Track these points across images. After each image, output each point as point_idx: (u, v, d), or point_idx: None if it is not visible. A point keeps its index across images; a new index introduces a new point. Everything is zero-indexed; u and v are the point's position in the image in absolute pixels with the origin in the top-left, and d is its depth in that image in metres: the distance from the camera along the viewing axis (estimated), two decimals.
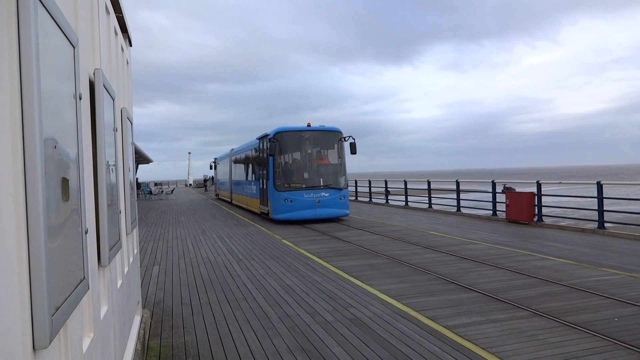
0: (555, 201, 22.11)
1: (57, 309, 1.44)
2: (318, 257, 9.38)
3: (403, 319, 5.39)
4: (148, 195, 38.60)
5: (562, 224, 13.86)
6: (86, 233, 1.98)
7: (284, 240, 11.90)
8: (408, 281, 7.21)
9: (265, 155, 16.84)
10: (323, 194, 15.60)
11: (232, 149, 27.62)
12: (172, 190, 41.04)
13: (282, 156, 16.02)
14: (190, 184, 72.16)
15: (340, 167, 16.46)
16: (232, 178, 26.82)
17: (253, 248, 10.87)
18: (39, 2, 1.34)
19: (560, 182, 16.12)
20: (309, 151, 16.52)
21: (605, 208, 12.60)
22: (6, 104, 1.20)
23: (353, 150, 16.29)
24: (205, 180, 57.21)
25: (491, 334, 4.83)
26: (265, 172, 16.80)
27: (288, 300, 6.34)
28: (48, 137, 1.41)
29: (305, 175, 16.08)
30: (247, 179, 21.56)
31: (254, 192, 19.29)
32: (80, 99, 1.94)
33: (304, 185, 15.70)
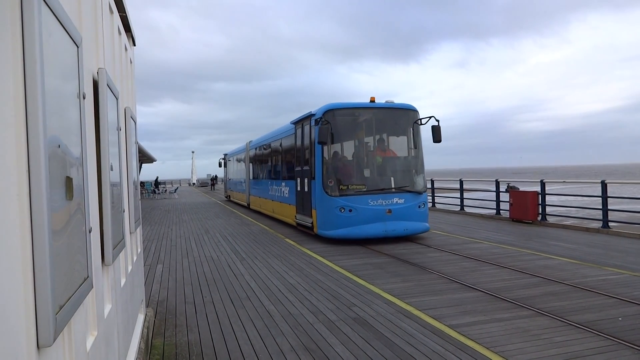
0: (560, 200, 22.03)
1: (61, 308, 1.44)
2: (321, 256, 9.38)
3: (406, 318, 5.39)
4: (151, 194, 38.70)
5: (566, 223, 13.81)
6: (90, 232, 1.98)
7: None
8: (411, 280, 7.20)
9: (306, 145, 12.39)
10: (396, 200, 10.94)
11: (251, 142, 22.73)
12: (175, 190, 41.16)
13: (335, 145, 11.40)
14: (194, 183, 72.35)
15: (417, 160, 11.76)
16: (251, 177, 22.04)
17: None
18: (42, 1, 1.34)
19: (564, 181, 16.06)
20: (375, 138, 11.84)
21: (609, 207, 12.55)
22: (10, 104, 1.20)
23: (436, 137, 11.44)
24: (212, 179, 57.35)
25: (495, 333, 4.82)
26: (306, 168, 12.21)
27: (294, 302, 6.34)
28: (52, 136, 1.42)
29: (368, 173, 11.46)
30: (273, 177, 16.78)
31: (286, 195, 14.63)
32: (84, 98, 1.94)
33: (368, 188, 11.00)
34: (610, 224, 12.36)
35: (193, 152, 75.66)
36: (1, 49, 1.16)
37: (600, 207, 12.51)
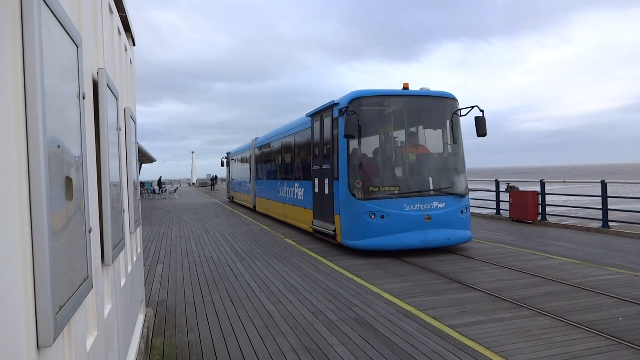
0: (560, 200, 22.03)
1: (61, 308, 1.44)
2: (322, 256, 9.39)
3: (406, 317, 5.39)
4: (151, 195, 38.70)
5: (566, 222, 13.81)
6: (90, 232, 1.98)
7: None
8: (411, 280, 7.20)
9: (326, 139, 10.70)
10: (436, 203, 9.32)
11: (256, 138, 20.96)
12: (175, 190, 41.17)
13: (362, 139, 9.63)
14: (194, 183, 72.39)
15: (457, 157, 10.06)
16: (257, 177, 20.22)
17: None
18: (42, 1, 1.34)
19: (564, 181, 16.05)
20: (409, 130, 10.14)
21: (609, 207, 12.55)
22: (10, 104, 1.20)
23: (481, 130, 9.71)
24: (212, 179, 57.46)
25: (495, 333, 4.82)
26: (327, 167, 10.54)
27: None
28: (52, 136, 1.41)
29: (402, 173, 9.81)
30: (285, 177, 15.09)
31: (300, 198, 13.00)
32: (83, 98, 1.94)
33: (402, 190, 9.35)
34: (610, 223, 12.36)
35: (193, 152, 75.76)
36: (1, 49, 1.16)
37: (600, 206, 12.51)
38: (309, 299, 6.31)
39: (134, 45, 5.04)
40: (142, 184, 38.55)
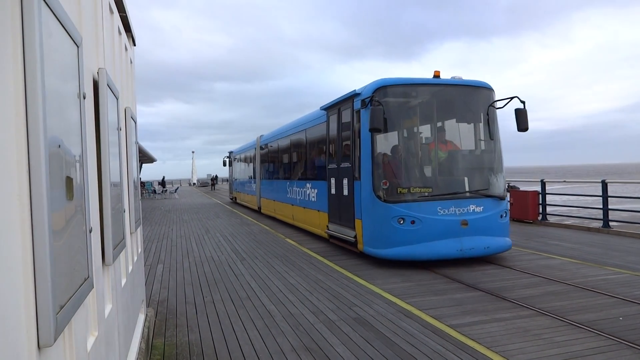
0: (560, 200, 22.02)
1: (61, 308, 1.44)
2: (322, 256, 9.39)
3: (407, 317, 5.39)
4: (151, 195, 38.73)
5: (566, 222, 13.81)
6: (90, 232, 1.98)
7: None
8: (411, 280, 7.20)
9: (345, 135, 9.66)
10: (473, 207, 8.26)
11: (262, 136, 19.93)
12: (176, 190, 41.18)
13: (390, 134, 8.66)
14: (194, 183, 72.47)
15: (494, 155, 9.00)
16: (263, 177, 19.16)
17: None
18: (43, 2, 1.34)
19: (564, 181, 16.04)
20: (440, 124, 9.07)
21: (610, 207, 12.54)
22: (10, 104, 1.20)
23: (522, 124, 8.66)
24: (212, 179, 57.64)
25: (495, 333, 4.82)
26: (345, 165, 9.43)
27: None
28: (52, 136, 1.42)
29: (434, 172, 8.66)
30: (294, 177, 14.03)
31: (312, 199, 11.93)
32: (84, 98, 1.95)
33: (435, 192, 8.30)
34: (610, 223, 12.35)
35: (193, 152, 75.91)
36: (1, 49, 1.16)
37: (601, 206, 12.51)
38: (309, 298, 6.31)
39: (135, 45, 5.04)
40: (142, 184, 38.59)
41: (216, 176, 59.71)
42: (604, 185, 12.40)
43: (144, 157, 30.90)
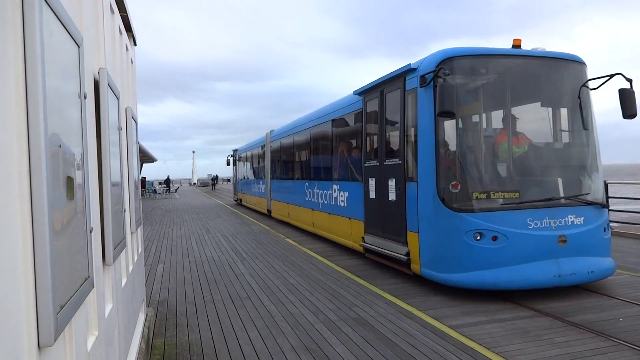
0: None
1: (62, 307, 1.44)
2: (322, 256, 9.38)
3: (407, 318, 5.39)
4: (152, 194, 38.76)
5: None
6: (91, 232, 1.98)
7: None
8: (412, 280, 7.19)
9: (392, 122, 7.83)
10: (572, 218, 6.31)
11: (272, 131, 17.80)
12: (176, 189, 41.21)
13: (458, 120, 6.55)
14: (194, 183, 72.58)
15: (590, 149, 7.07)
16: (274, 176, 17.07)
17: None
18: (44, 1, 1.34)
19: None
20: (519, 109, 7.13)
21: (610, 207, 12.52)
22: (11, 103, 1.20)
23: (629, 108, 6.68)
24: (212, 179, 57.93)
25: (495, 334, 4.81)
26: (393, 162, 7.51)
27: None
28: (53, 135, 1.42)
29: (515, 171, 6.71)
30: (316, 177, 11.94)
31: (342, 204, 9.83)
32: (85, 98, 1.95)
33: (523, 198, 6.29)
34: (611, 224, 12.33)
35: (194, 152, 76.15)
36: (2, 48, 1.16)
37: None
38: (309, 299, 6.31)
39: (135, 45, 5.04)
40: (143, 183, 38.63)
41: (216, 176, 59.92)
42: (605, 186, 12.38)
43: (145, 157, 30.93)
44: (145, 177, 41.91)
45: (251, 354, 4.48)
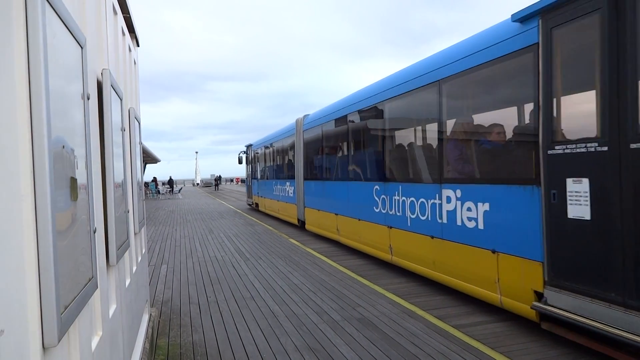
0: None
1: (66, 308, 1.45)
2: (326, 256, 9.37)
3: (411, 318, 5.38)
4: (155, 195, 38.85)
5: None
6: (94, 232, 1.99)
7: None
8: (415, 280, 7.18)
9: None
10: None
11: (307, 116, 13.65)
12: (179, 190, 41.28)
13: None
14: (198, 184, 72.77)
15: None
16: (310, 174, 13.07)
17: None
18: (47, 3, 1.34)
19: None
20: None
21: None
22: (15, 105, 1.20)
23: None
24: (215, 180, 58.27)
25: (500, 333, 4.80)
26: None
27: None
28: (56, 136, 1.42)
29: None
30: (398, 177, 7.68)
31: (472, 225, 5.58)
32: (88, 99, 1.95)
33: None
34: None
35: (197, 152, 76.33)
36: (5, 50, 1.16)
37: None
38: (313, 299, 6.31)
39: (138, 46, 5.05)
40: (146, 184, 38.74)
41: (219, 176, 60.21)
42: None
43: (148, 158, 31.00)
44: (156, 177, 41.99)
45: (255, 354, 4.48)
